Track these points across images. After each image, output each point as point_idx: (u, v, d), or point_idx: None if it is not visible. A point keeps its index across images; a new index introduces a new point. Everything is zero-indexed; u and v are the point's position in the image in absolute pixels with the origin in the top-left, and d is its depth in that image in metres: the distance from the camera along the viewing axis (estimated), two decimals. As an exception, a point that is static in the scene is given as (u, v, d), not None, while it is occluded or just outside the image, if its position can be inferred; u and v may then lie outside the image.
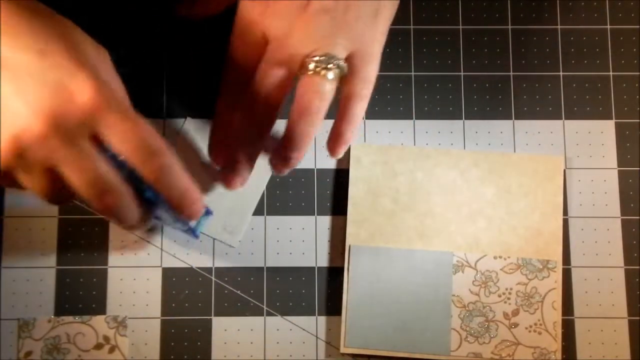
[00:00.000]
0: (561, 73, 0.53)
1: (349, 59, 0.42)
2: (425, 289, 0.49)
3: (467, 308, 0.49)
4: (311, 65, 0.41)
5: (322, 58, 0.41)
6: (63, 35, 0.38)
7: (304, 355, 0.49)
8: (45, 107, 0.36)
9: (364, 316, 0.49)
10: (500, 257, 0.50)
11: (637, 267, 0.51)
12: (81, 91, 0.37)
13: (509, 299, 0.50)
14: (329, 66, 0.41)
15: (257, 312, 0.50)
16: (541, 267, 0.50)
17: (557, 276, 0.50)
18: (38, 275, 0.50)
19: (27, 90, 0.36)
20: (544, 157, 0.51)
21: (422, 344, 0.49)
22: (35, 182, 0.39)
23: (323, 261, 0.50)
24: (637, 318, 0.50)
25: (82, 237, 0.50)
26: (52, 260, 0.50)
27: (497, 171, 0.51)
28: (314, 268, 0.50)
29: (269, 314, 0.50)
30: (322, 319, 0.50)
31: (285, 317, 0.50)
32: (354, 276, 0.49)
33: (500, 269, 0.50)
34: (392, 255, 0.49)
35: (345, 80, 0.43)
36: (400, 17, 0.53)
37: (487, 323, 0.49)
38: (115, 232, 0.50)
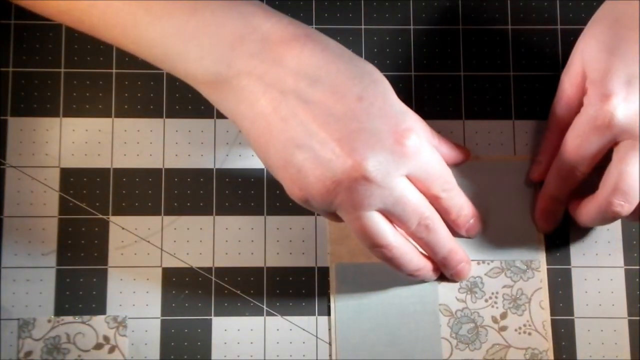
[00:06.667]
0: (561, 73, 0.53)
1: None
2: (411, 301, 0.49)
3: (455, 316, 0.49)
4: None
5: None
6: (376, 82, 0.41)
7: (304, 355, 0.49)
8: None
9: (353, 333, 0.49)
10: (484, 262, 0.50)
11: (637, 267, 0.51)
12: (408, 134, 0.40)
13: (495, 302, 0.49)
14: None
15: (257, 312, 0.50)
16: (525, 268, 0.50)
17: (542, 275, 0.50)
18: (38, 275, 0.50)
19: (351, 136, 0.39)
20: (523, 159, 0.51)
21: (413, 356, 0.48)
22: (356, 224, 0.42)
23: (323, 261, 0.50)
24: (637, 318, 0.50)
25: (82, 237, 0.50)
26: (52, 260, 0.50)
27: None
28: (314, 268, 0.50)
29: (269, 314, 0.50)
30: (322, 319, 0.50)
31: (285, 317, 0.50)
32: (339, 295, 0.49)
33: (485, 274, 0.50)
34: (375, 270, 0.49)
35: None
36: (400, 17, 0.53)
37: (476, 329, 0.49)
38: (115, 232, 0.50)
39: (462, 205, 0.46)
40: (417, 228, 0.43)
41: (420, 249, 0.46)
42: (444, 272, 0.48)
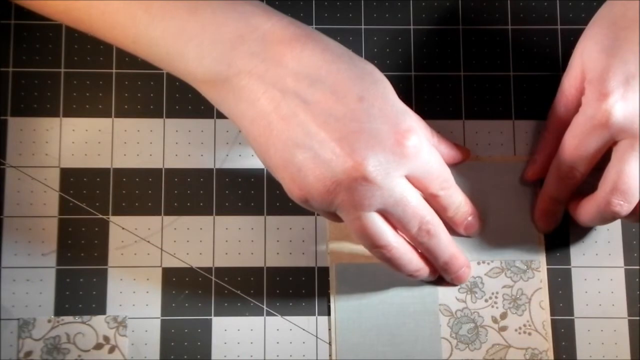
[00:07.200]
0: (561, 73, 0.53)
1: None
2: (411, 301, 0.49)
3: (455, 316, 0.49)
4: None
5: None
6: (376, 83, 0.41)
7: (304, 355, 0.49)
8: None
9: (353, 333, 0.49)
10: (484, 262, 0.50)
11: (637, 267, 0.51)
12: (408, 135, 0.40)
13: (495, 302, 0.49)
14: None
15: (257, 312, 0.50)
16: (525, 268, 0.50)
17: (542, 275, 0.50)
18: (38, 275, 0.50)
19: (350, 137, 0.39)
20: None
21: (413, 356, 0.48)
22: (356, 224, 0.42)
23: (323, 261, 0.50)
24: (637, 318, 0.50)
25: (82, 237, 0.50)
26: (52, 260, 0.50)
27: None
28: (314, 268, 0.50)
29: (269, 314, 0.50)
30: (322, 319, 0.50)
31: (285, 317, 0.50)
32: (339, 295, 0.49)
33: (485, 274, 0.50)
34: (375, 270, 0.49)
35: None
36: (400, 17, 0.53)
37: (476, 329, 0.49)
38: (115, 232, 0.50)
39: (460, 203, 0.46)
40: (418, 232, 0.43)
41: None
42: (444, 276, 0.48)
